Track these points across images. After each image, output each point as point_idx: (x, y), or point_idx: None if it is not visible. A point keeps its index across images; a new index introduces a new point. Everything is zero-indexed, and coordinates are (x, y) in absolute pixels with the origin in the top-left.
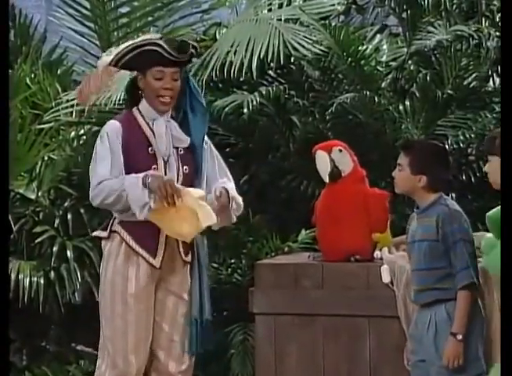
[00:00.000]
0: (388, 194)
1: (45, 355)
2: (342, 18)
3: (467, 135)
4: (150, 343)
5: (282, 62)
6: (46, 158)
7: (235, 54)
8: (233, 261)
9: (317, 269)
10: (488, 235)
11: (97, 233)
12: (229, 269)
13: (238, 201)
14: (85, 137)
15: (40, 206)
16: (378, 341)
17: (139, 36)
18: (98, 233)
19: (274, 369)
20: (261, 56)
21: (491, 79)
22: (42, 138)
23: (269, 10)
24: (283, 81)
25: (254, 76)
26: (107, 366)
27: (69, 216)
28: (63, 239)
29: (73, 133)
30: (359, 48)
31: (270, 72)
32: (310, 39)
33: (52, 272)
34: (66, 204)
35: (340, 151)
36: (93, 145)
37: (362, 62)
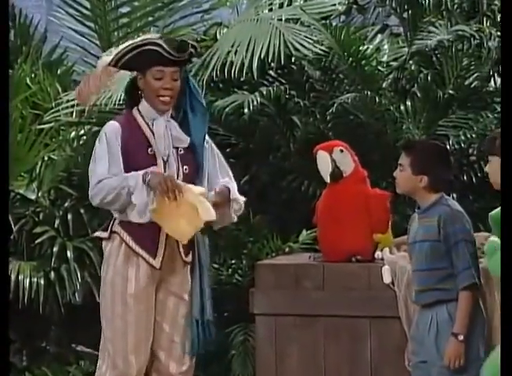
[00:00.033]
0: (389, 195)
1: (45, 355)
2: (343, 18)
3: (468, 135)
4: (151, 344)
5: (282, 62)
6: (46, 158)
7: (235, 54)
8: (234, 261)
9: (318, 270)
10: (491, 239)
11: (98, 234)
12: (230, 270)
13: (239, 202)
14: (85, 137)
15: (40, 206)
16: (379, 341)
17: (140, 36)
18: (99, 234)
19: (275, 370)
20: (262, 56)
21: (492, 79)
22: (42, 138)
23: (270, 10)
24: (284, 81)
25: (255, 76)
26: (108, 366)
27: (69, 216)
28: (64, 239)
29: (73, 133)
30: (360, 48)
31: (271, 72)
32: (311, 39)
33: (53, 272)
34: (66, 205)
35: (341, 151)
36: (93, 145)
37: (363, 62)
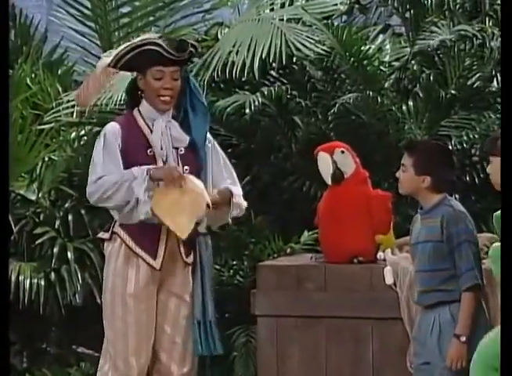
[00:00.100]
0: (391, 195)
1: (46, 357)
2: (345, 18)
3: (471, 135)
4: (153, 344)
5: (284, 62)
6: (47, 159)
7: (237, 54)
8: (235, 262)
9: (320, 271)
10: (496, 244)
11: (100, 235)
12: (231, 271)
13: (241, 207)
14: (86, 138)
15: (40, 207)
16: (381, 343)
17: (140, 36)
18: (100, 235)
19: (276, 371)
20: (263, 56)
21: (494, 79)
22: (43, 138)
23: (271, 10)
24: (285, 82)
25: (256, 76)
26: (109, 368)
27: (69, 217)
28: (64, 240)
29: (73, 134)
30: (362, 48)
31: (272, 72)
32: (312, 39)
33: (53, 273)
34: (66, 205)
35: (342, 152)
36: (94, 146)
37: (365, 62)
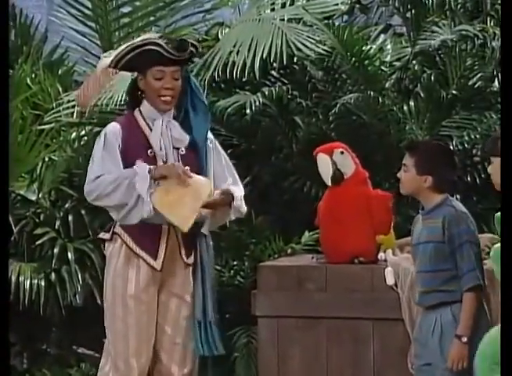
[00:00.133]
0: (391, 195)
1: (46, 358)
2: (346, 18)
3: (472, 135)
4: (154, 345)
5: (285, 62)
6: (47, 159)
7: (237, 54)
8: (236, 263)
9: (320, 272)
10: (498, 245)
11: (100, 236)
12: (232, 271)
13: (241, 211)
14: (86, 138)
15: (41, 207)
16: (382, 344)
17: (141, 36)
18: (101, 235)
19: (277, 372)
20: (264, 56)
21: (496, 79)
22: (43, 139)
23: (272, 10)
24: (286, 82)
25: (257, 76)
26: (110, 368)
27: (70, 218)
28: (64, 241)
29: (74, 134)
30: (363, 48)
31: (273, 72)
32: (313, 39)
33: (53, 274)
34: (67, 206)
35: (341, 153)
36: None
37: (366, 62)
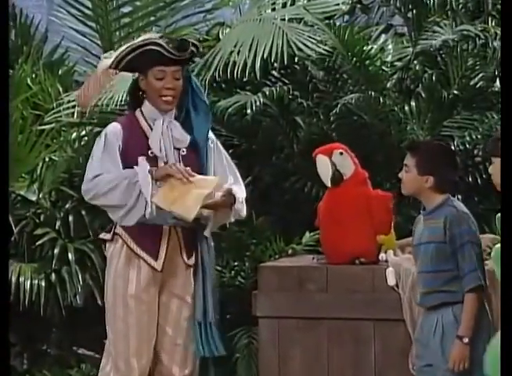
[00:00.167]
0: (391, 195)
1: (46, 358)
2: (347, 18)
3: (474, 136)
4: (155, 346)
5: (286, 62)
6: (47, 159)
7: (238, 54)
8: (236, 263)
9: (321, 272)
10: (499, 245)
11: (101, 236)
12: (232, 272)
13: (240, 214)
14: (87, 138)
15: (41, 208)
16: (383, 344)
17: (141, 36)
18: (102, 236)
19: (278, 372)
20: (265, 56)
21: (497, 79)
22: (43, 139)
23: (273, 10)
24: (287, 82)
25: (258, 76)
26: (111, 368)
27: (70, 218)
28: (65, 241)
29: (74, 134)
30: (364, 48)
31: (274, 72)
32: (314, 39)
33: (53, 274)
34: (67, 206)
35: (340, 154)
36: None
37: (367, 62)
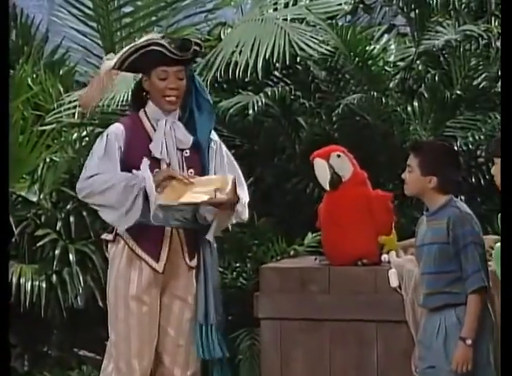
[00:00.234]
0: (391, 195)
1: (47, 360)
2: (349, 18)
3: (476, 136)
4: (156, 347)
5: (288, 62)
6: (48, 160)
7: (240, 54)
8: (238, 264)
9: (324, 273)
10: (499, 244)
11: (103, 236)
12: (234, 273)
13: (241, 217)
14: (88, 139)
15: (42, 209)
16: (386, 346)
17: (143, 36)
18: (104, 236)
19: (280, 374)
20: (267, 56)
21: (500, 79)
22: (44, 139)
23: (275, 10)
24: (289, 82)
25: (260, 76)
26: (112, 369)
27: (71, 219)
28: (65, 242)
29: (75, 135)
30: (367, 48)
31: (276, 72)
32: (316, 39)
33: (54, 276)
34: (68, 207)
35: (338, 156)
36: None
37: (370, 62)
